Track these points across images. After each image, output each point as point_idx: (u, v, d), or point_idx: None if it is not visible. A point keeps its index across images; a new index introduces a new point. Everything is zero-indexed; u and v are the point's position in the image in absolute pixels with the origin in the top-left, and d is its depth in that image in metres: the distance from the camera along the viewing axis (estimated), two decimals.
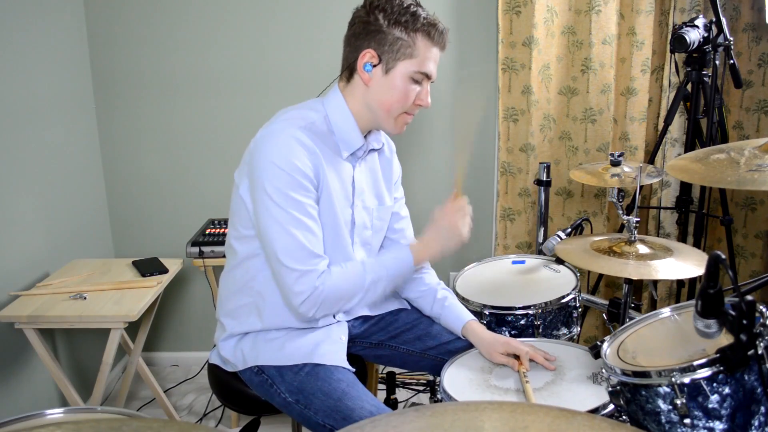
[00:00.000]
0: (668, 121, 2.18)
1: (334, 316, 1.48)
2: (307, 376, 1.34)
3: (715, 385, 0.91)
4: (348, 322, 1.54)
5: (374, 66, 1.34)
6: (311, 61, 2.41)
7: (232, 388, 1.46)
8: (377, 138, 1.51)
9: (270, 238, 1.30)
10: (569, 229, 1.94)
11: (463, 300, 1.70)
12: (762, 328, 0.86)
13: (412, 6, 1.32)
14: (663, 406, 0.96)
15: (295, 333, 1.42)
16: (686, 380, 0.92)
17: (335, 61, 1.44)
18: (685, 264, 1.53)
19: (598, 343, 1.15)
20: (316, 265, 1.31)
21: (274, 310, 1.40)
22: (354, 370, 1.39)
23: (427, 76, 1.36)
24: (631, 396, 1.02)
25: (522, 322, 1.63)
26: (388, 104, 1.36)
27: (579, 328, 1.73)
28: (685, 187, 2.29)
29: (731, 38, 1.99)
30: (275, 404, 1.39)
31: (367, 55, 1.33)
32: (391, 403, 1.93)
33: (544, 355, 1.39)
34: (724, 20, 1.98)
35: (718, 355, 0.89)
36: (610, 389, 1.07)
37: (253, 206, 1.33)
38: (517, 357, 1.38)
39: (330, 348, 1.40)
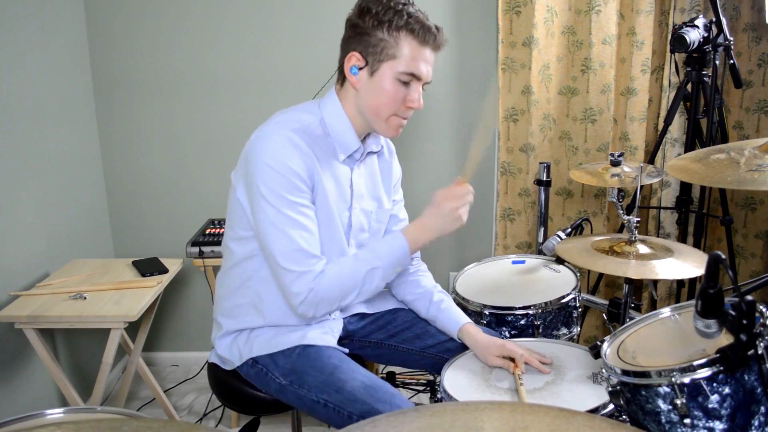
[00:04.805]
0: (668, 121, 2.18)
1: (330, 314, 1.48)
2: (299, 357, 1.36)
3: (715, 385, 0.91)
4: (344, 318, 1.55)
5: (360, 69, 1.33)
6: (310, 62, 2.41)
7: (231, 387, 1.46)
8: (376, 141, 1.51)
9: (267, 239, 1.31)
10: (569, 229, 1.94)
11: (464, 300, 1.70)
12: (762, 328, 0.86)
13: (399, 4, 1.29)
14: (663, 406, 0.96)
15: (289, 327, 1.44)
16: (686, 380, 0.92)
17: (334, 61, 1.44)
18: (685, 264, 1.53)
19: (598, 343, 1.16)
20: (313, 265, 1.31)
21: (273, 309, 1.41)
22: (347, 351, 1.41)
23: (416, 77, 1.33)
24: (631, 396, 1.02)
25: (522, 322, 1.63)
26: (375, 107, 1.34)
27: (579, 328, 1.73)
28: (685, 187, 2.29)
29: (731, 38, 1.99)
30: (272, 393, 1.40)
31: (353, 59, 1.33)
32: None
33: (540, 358, 1.38)
34: (724, 20, 1.98)
35: (718, 355, 0.89)
36: (610, 389, 1.07)
37: (251, 208, 1.34)
38: (513, 360, 1.37)
39: (322, 334, 1.42)
